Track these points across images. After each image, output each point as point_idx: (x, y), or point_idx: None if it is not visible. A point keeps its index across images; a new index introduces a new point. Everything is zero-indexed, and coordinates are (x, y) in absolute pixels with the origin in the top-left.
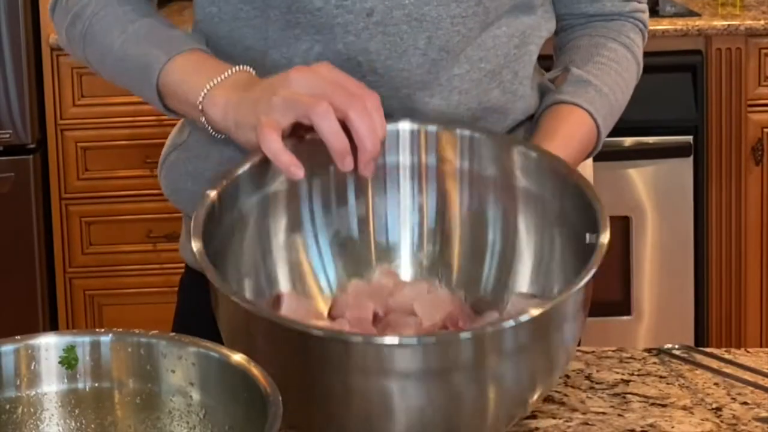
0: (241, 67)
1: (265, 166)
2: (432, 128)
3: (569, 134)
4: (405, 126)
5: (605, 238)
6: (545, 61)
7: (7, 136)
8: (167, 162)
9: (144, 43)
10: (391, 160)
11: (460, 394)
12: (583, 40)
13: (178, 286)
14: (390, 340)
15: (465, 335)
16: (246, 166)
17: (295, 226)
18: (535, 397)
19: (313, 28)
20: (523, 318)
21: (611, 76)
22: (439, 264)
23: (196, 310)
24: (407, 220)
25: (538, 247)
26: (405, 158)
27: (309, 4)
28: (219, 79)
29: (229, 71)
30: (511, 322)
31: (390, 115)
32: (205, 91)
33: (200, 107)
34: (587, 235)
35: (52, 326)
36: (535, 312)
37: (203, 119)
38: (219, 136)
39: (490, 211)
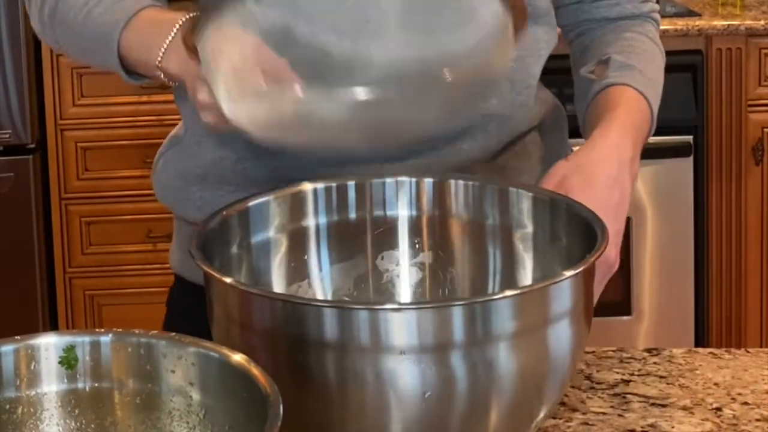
0: (188, 16)
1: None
2: (429, 180)
3: (629, 104)
4: (403, 179)
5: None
6: (549, 76)
7: (7, 136)
8: (160, 160)
9: (102, 14)
10: (391, 213)
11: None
12: (610, 36)
13: (167, 297)
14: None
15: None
16: (262, 199)
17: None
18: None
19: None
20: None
21: (647, 63)
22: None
23: (186, 321)
24: (407, 275)
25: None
26: (404, 210)
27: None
28: (170, 37)
29: (177, 26)
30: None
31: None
32: (161, 53)
33: (159, 71)
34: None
35: (52, 326)
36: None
37: (164, 77)
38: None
39: (491, 259)
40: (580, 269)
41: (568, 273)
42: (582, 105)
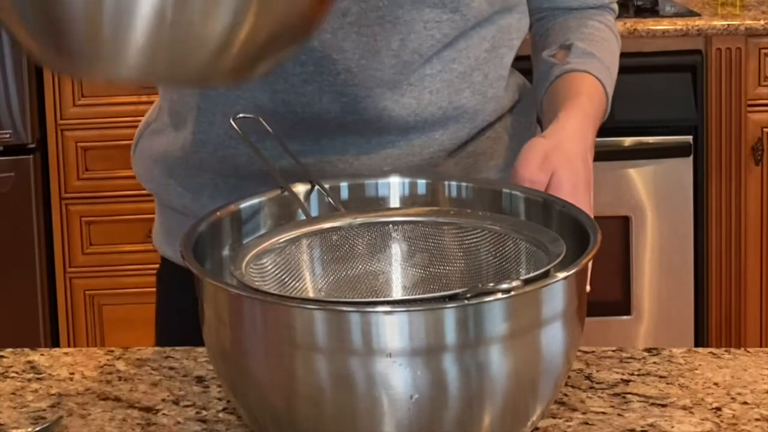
0: None
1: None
2: (422, 181)
3: (591, 93)
4: (395, 180)
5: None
6: (520, 62)
7: (7, 136)
8: (138, 145)
9: None
10: (384, 214)
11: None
12: (572, 22)
13: (156, 276)
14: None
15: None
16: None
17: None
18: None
19: None
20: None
21: (606, 51)
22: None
23: (175, 302)
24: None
25: None
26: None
27: None
28: None
29: None
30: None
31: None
32: None
33: None
34: None
35: (53, 326)
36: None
37: None
38: None
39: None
40: (573, 271)
41: (561, 274)
42: (541, 87)
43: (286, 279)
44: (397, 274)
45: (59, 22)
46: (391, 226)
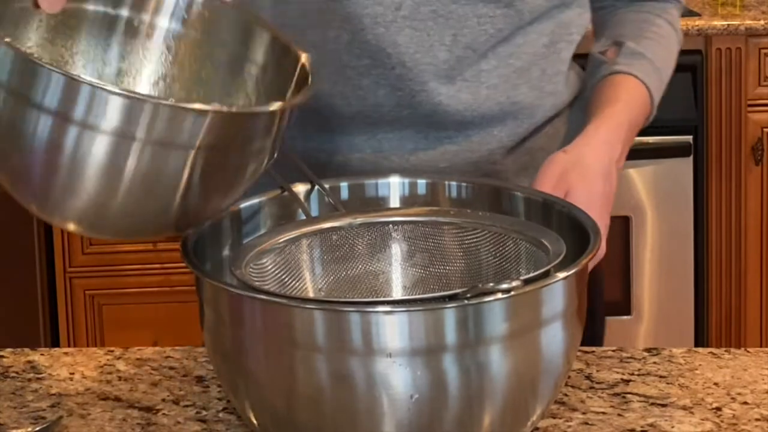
0: None
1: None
2: (422, 181)
3: (630, 99)
4: (395, 180)
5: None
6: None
7: None
8: None
9: None
10: (384, 214)
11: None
12: (630, 15)
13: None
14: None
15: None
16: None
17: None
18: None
19: (340, 16)
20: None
21: (660, 50)
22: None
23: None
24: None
25: None
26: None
27: None
28: None
29: None
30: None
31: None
32: None
33: None
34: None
35: (53, 326)
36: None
37: None
38: None
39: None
40: (573, 271)
41: (561, 274)
42: (589, 83)
43: (286, 279)
44: (397, 274)
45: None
46: (391, 226)
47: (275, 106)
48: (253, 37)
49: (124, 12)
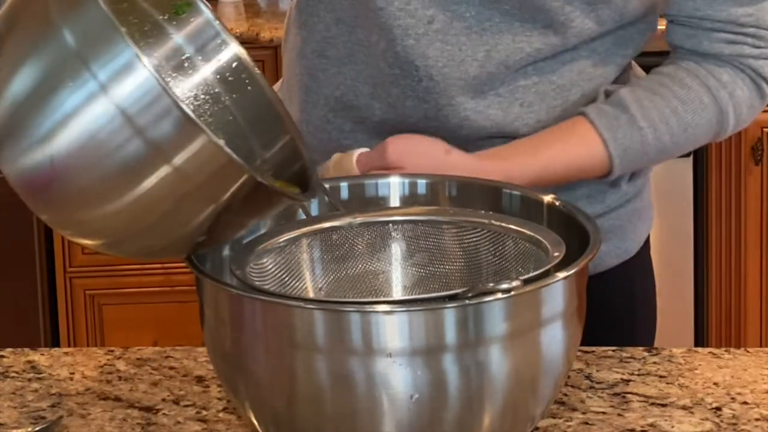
0: None
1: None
2: (422, 181)
3: (553, 145)
4: (395, 179)
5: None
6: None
7: None
8: None
9: None
10: (384, 213)
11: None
12: (668, 68)
13: None
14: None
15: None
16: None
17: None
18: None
19: (377, 24)
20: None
21: (662, 113)
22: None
23: None
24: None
25: None
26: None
27: (371, 2)
28: None
29: None
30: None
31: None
32: None
33: None
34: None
35: (53, 326)
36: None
37: None
38: None
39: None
40: (573, 271)
41: (561, 274)
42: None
43: (287, 279)
44: (397, 274)
45: None
46: (391, 225)
47: (309, 196)
48: (271, 126)
49: (178, 36)
